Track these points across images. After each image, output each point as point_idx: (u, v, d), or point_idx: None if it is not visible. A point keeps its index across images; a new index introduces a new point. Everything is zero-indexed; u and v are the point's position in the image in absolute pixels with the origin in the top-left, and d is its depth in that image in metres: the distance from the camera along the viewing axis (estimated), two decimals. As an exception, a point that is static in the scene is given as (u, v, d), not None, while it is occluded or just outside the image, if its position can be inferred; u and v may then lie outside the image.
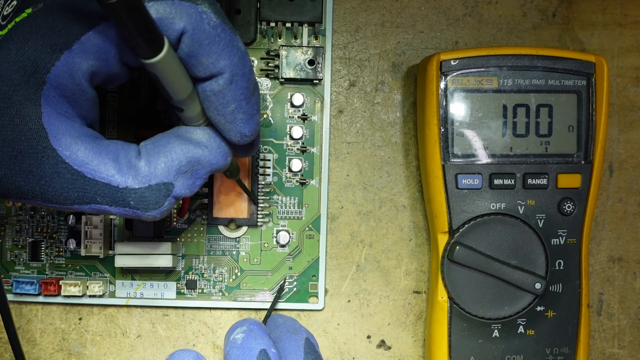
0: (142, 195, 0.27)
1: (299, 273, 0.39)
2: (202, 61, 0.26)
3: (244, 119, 0.28)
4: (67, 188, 0.27)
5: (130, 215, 0.28)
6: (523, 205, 0.36)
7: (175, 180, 0.28)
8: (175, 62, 0.26)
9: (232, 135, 0.29)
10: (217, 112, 0.28)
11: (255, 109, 0.29)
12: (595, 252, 0.41)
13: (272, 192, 0.39)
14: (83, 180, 0.27)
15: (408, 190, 0.40)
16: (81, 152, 0.26)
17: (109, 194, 0.27)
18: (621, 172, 0.40)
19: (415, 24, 0.40)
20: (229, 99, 0.27)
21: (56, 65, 0.25)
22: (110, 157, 0.27)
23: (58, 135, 0.26)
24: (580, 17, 0.40)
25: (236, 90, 0.27)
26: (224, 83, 0.27)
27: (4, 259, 0.39)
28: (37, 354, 0.40)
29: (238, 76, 0.27)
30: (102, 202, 0.27)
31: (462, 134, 0.36)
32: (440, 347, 0.37)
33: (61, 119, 0.26)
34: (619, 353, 0.41)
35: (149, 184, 0.27)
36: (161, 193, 0.27)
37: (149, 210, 0.27)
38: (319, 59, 0.38)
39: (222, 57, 0.26)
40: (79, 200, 0.27)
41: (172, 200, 0.28)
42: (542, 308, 0.37)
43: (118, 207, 0.27)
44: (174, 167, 0.28)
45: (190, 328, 0.40)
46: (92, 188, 0.27)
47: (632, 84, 0.40)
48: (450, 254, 0.36)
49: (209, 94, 0.27)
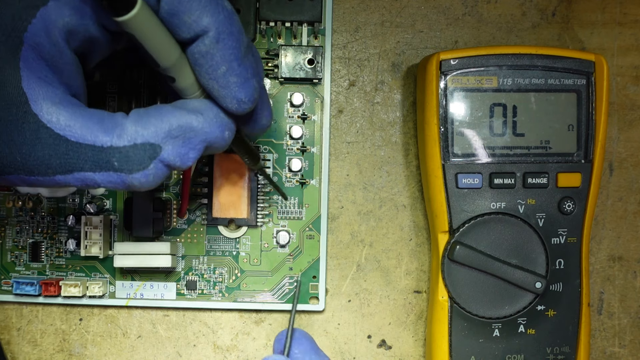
0: (127, 154, 0.26)
1: (299, 274, 0.39)
2: (185, 19, 0.26)
3: (237, 82, 0.27)
4: (48, 155, 0.26)
5: (115, 183, 0.27)
6: (523, 204, 0.36)
7: (163, 143, 0.26)
8: (154, 22, 0.26)
9: (228, 103, 0.28)
10: (208, 76, 0.27)
11: (251, 73, 0.28)
12: (596, 251, 0.41)
13: (272, 192, 0.39)
14: (66, 145, 0.26)
15: (408, 190, 0.40)
16: (63, 116, 0.26)
17: (93, 156, 0.26)
18: (621, 171, 0.40)
19: (414, 23, 0.40)
20: (218, 60, 0.27)
21: (32, 23, 0.25)
22: (94, 120, 0.26)
23: (39, 100, 0.25)
24: (579, 16, 0.40)
25: (224, 49, 0.26)
26: (210, 42, 0.26)
27: (4, 259, 0.39)
28: (38, 355, 0.40)
29: (224, 34, 0.26)
30: (85, 167, 0.26)
31: (462, 133, 0.36)
32: (440, 347, 0.37)
33: (41, 83, 0.26)
34: (620, 352, 0.41)
35: (134, 143, 0.26)
36: (146, 154, 0.26)
37: (133, 171, 0.26)
38: (319, 59, 0.38)
39: (205, 14, 0.26)
40: (61, 168, 0.26)
41: (159, 166, 0.27)
42: (542, 307, 0.37)
43: (102, 171, 0.26)
44: (163, 128, 0.26)
45: (191, 328, 0.40)
46: (75, 153, 0.26)
47: (631, 83, 0.40)
48: (450, 254, 0.36)
49: (197, 56, 0.27)
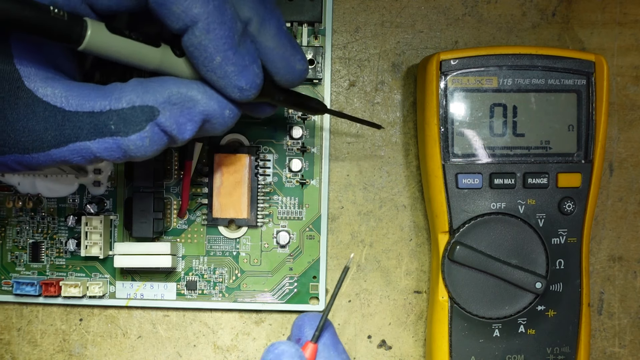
0: (124, 115, 0.26)
1: (299, 274, 0.39)
2: (174, 9, 0.26)
3: (235, 70, 0.27)
4: (44, 128, 0.26)
5: (110, 149, 0.26)
6: (523, 204, 0.36)
7: (162, 108, 0.26)
8: (116, 38, 0.26)
9: (230, 92, 0.28)
10: (205, 68, 0.27)
11: (249, 59, 0.27)
12: (596, 251, 0.41)
13: (272, 193, 0.39)
14: (62, 116, 0.26)
15: (408, 190, 0.40)
16: (59, 89, 0.26)
17: (90, 123, 0.26)
18: (621, 171, 0.40)
19: (414, 23, 0.40)
20: (212, 51, 0.26)
21: None
22: (90, 88, 0.26)
23: (31, 76, 0.26)
24: (579, 16, 0.40)
25: (217, 40, 0.26)
26: (200, 33, 0.26)
27: (4, 260, 0.39)
28: (38, 355, 0.40)
29: (215, 24, 0.26)
30: (80, 136, 0.26)
31: (462, 133, 0.36)
32: (440, 347, 0.37)
33: (33, 61, 0.26)
34: (620, 352, 0.41)
35: (133, 105, 0.26)
36: (144, 115, 0.26)
37: (129, 133, 0.26)
38: (319, 59, 0.38)
39: (194, 5, 0.26)
40: (55, 140, 0.26)
41: (156, 130, 0.27)
42: (542, 307, 0.37)
43: (98, 137, 0.26)
44: (163, 93, 0.27)
45: (191, 329, 0.40)
46: (71, 122, 0.26)
47: (631, 83, 0.40)
48: (450, 254, 0.36)
49: (191, 49, 0.27)
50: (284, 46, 0.29)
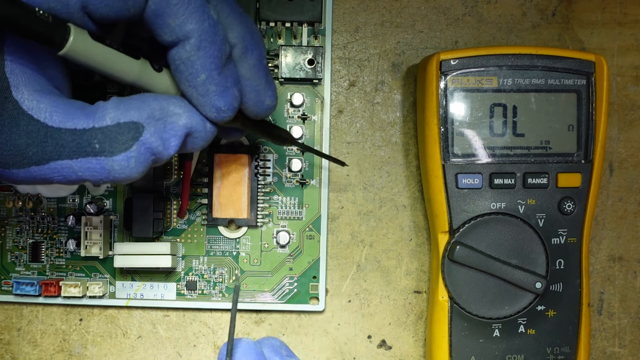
0: (109, 133, 0.25)
1: (299, 274, 0.39)
2: (169, 22, 0.26)
3: (217, 90, 0.27)
4: (25, 144, 0.25)
5: (93, 170, 0.26)
6: (523, 204, 0.36)
7: (146, 123, 0.26)
8: (97, 46, 0.26)
9: (207, 110, 0.28)
10: (188, 83, 0.27)
11: (231, 82, 0.28)
12: (596, 251, 0.41)
13: (272, 193, 0.39)
14: (45, 132, 0.25)
15: (408, 190, 0.40)
16: (44, 103, 0.25)
17: (72, 141, 0.25)
18: (621, 171, 0.40)
19: (414, 23, 0.40)
20: (198, 68, 0.27)
21: None
22: (76, 106, 0.26)
23: (20, 87, 0.25)
24: (579, 16, 0.40)
25: (205, 58, 0.26)
26: (191, 49, 0.26)
27: (4, 260, 0.39)
28: (38, 355, 0.40)
29: (207, 42, 0.26)
30: (62, 154, 0.25)
31: (462, 133, 0.36)
32: (440, 347, 0.37)
33: (24, 70, 0.25)
34: (620, 352, 0.41)
35: (118, 122, 0.26)
36: (130, 133, 0.26)
37: (115, 153, 0.26)
38: (319, 59, 0.38)
39: (190, 20, 0.26)
40: (36, 157, 0.25)
41: (142, 150, 0.26)
42: (542, 307, 0.37)
43: (81, 157, 0.25)
44: (146, 109, 0.26)
45: (191, 329, 0.40)
46: (53, 140, 0.25)
47: (631, 83, 0.40)
48: (450, 254, 0.36)
49: (177, 62, 0.27)
50: (259, 79, 0.29)
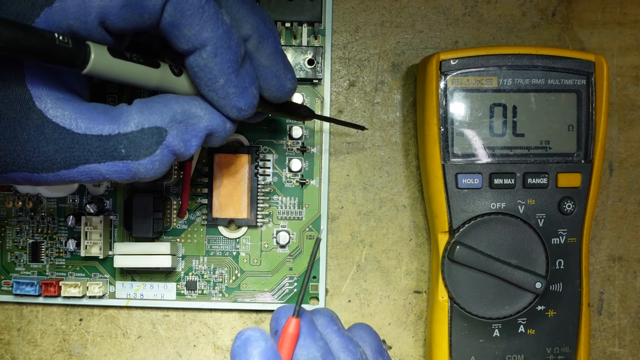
0: (134, 139, 0.26)
1: (299, 274, 0.39)
2: (184, 32, 0.26)
3: (236, 92, 0.28)
4: (53, 150, 0.26)
5: (120, 172, 0.27)
6: (523, 204, 0.36)
7: (169, 128, 0.27)
8: (118, 62, 0.26)
9: (228, 111, 0.29)
10: (207, 88, 0.28)
11: (248, 81, 0.29)
12: (596, 251, 0.41)
13: (272, 193, 0.39)
14: (72, 138, 0.26)
15: (408, 190, 0.40)
16: (68, 111, 0.26)
17: (99, 146, 0.26)
18: (621, 171, 0.40)
19: (414, 23, 0.40)
20: (216, 73, 0.27)
21: (36, 22, 0.25)
22: (99, 111, 0.27)
23: (42, 97, 0.26)
24: (579, 16, 0.40)
25: (222, 63, 0.27)
26: (208, 56, 0.27)
27: (4, 260, 0.39)
28: (38, 355, 0.40)
29: (222, 49, 0.27)
30: (90, 159, 0.26)
31: (462, 133, 0.36)
32: (440, 347, 0.37)
33: (45, 81, 0.26)
34: (620, 352, 0.41)
35: (142, 127, 0.27)
36: (154, 138, 0.27)
37: (140, 157, 0.27)
38: (319, 59, 0.38)
39: (205, 29, 0.26)
40: (65, 162, 0.26)
41: (165, 152, 0.27)
42: (542, 307, 0.37)
43: (108, 161, 0.26)
44: (168, 113, 0.27)
45: (191, 329, 0.40)
46: (80, 145, 0.26)
47: (631, 83, 0.40)
48: (450, 254, 0.36)
49: (195, 69, 0.27)
50: (278, 65, 0.30)
